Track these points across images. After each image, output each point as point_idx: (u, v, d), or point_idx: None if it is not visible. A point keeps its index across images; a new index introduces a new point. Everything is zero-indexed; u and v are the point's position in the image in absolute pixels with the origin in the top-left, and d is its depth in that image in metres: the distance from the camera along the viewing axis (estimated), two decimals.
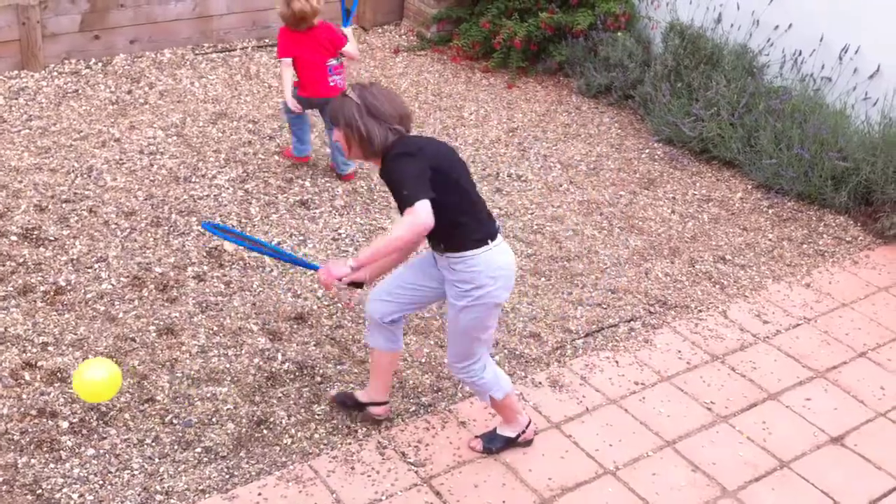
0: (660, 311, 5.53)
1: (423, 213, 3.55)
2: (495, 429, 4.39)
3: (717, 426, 4.67)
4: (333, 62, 6.06)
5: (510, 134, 7.33)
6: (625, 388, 4.85)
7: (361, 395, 4.45)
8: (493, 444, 4.36)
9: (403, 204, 3.59)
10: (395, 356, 4.35)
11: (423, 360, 4.90)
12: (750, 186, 6.94)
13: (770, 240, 6.34)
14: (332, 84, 6.06)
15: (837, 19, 7.05)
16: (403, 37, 8.73)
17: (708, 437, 4.59)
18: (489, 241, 3.87)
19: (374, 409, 4.42)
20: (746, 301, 5.67)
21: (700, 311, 5.56)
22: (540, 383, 4.82)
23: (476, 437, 4.41)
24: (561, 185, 6.71)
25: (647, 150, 7.34)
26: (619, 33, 8.01)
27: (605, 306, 5.52)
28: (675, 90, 7.42)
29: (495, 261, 3.88)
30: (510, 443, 4.36)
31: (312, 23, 5.89)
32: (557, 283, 5.70)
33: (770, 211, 6.68)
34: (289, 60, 5.97)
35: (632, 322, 5.40)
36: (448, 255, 3.86)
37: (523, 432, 4.37)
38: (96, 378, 3.89)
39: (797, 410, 4.83)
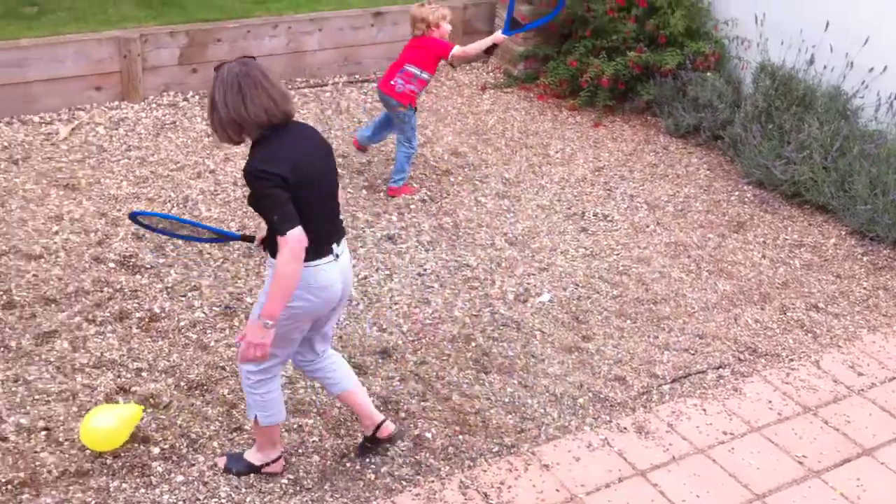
0: (749, 358, 5.43)
1: (295, 241, 3.47)
2: (243, 452, 4.27)
3: (809, 481, 4.54)
4: (411, 69, 6.36)
5: (596, 173, 7.30)
6: (713, 438, 4.76)
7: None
8: (236, 466, 4.22)
9: (275, 230, 3.52)
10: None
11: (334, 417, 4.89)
12: (844, 232, 6.79)
13: (865, 288, 6.18)
14: (391, 83, 6.41)
15: None
16: (491, 74, 8.80)
17: (800, 493, 4.46)
18: (320, 258, 3.69)
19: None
20: (840, 351, 5.53)
21: (792, 360, 5.44)
22: (625, 429, 4.76)
23: (223, 454, 4.29)
24: (647, 226, 6.65)
25: (736, 193, 7.24)
26: (709, 73, 7.95)
27: (692, 352, 5.44)
28: (765, 132, 7.32)
29: (319, 280, 3.71)
30: (252, 469, 4.22)
31: (421, 29, 6.37)
32: (643, 326, 5.64)
33: (865, 258, 6.52)
34: None
35: (720, 369, 5.31)
36: (273, 260, 3.67)
37: (268, 464, 4.21)
38: (103, 426, 4.05)
39: (893, 468, 4.67)
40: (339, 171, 6.71)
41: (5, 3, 7.28)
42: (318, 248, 3.66)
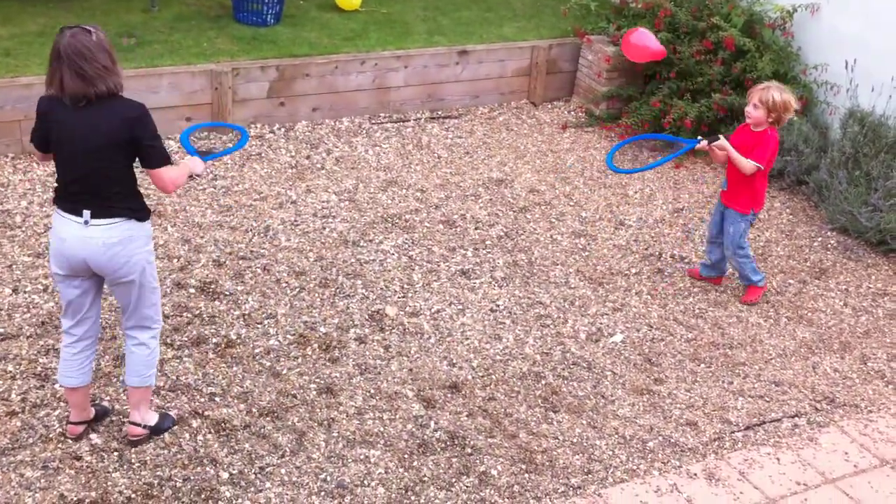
0: (827, 408, 5.29)
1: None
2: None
3: None
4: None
5: (675, 214, 7.24)
6: (786, 488, 4.64)
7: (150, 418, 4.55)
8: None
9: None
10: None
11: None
12: None
13: None
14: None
15: None
16: (572, 113, 8.81)
17: None
18: (55, 205, 4.10)
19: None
20: None
21: (871, 411, 5.28)
22: (695, 475, 4.67)
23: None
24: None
25: (819, 239, 7.08)
26: (795, 117, 7.82)
27: (767, 399, 5.32)
28: (852, 178, 7.16)
29: (53, 223, 4.14)
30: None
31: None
32: (718, 370, 5.54)
33: None
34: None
35: (796, 418, 5.18)
36: None
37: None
38: None
39: None
40: (418, 205, 6.82)
41: (105, 34, 7.58)
42: (56, 197, 4.08)
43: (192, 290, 5.65)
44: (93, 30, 3.87)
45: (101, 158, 3.93)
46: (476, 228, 6.70)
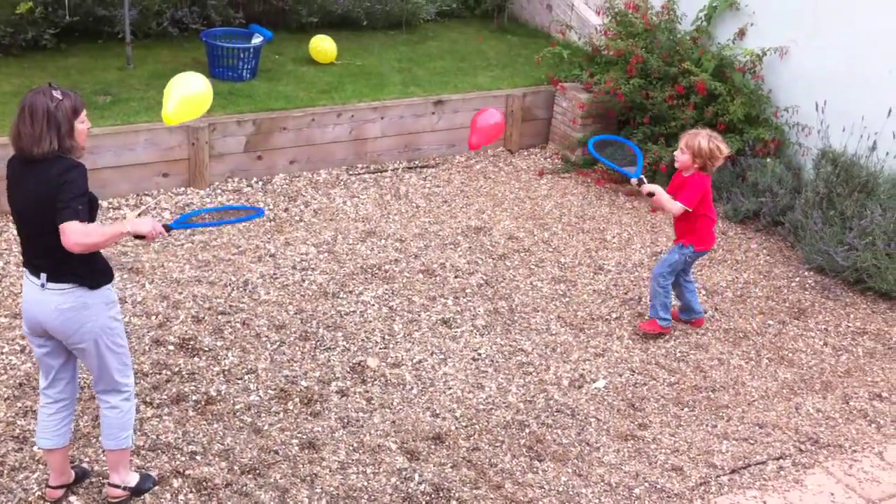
0: (811, 449, 5.28)
1: None
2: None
3: None
4: None
5: (653, 258, 7.27)
6: None
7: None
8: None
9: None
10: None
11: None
12: None
13: None
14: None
15: None
16: (548, 159, 8.88)
17: None
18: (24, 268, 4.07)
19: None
20: None
21: (855, 451, 5.28)
22: None
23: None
24: (706, 312, 6.57)
25: (797, 279, 7.13)
26: (769, 159, 7.92)
27: (752, 441, 5.31)
28: (827, 218, 7.23)
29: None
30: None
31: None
32: (701, 414, 5.53)
33: None
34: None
35: (781, 460, 5.17)
36: None
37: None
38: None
39: None
40: (397, 255, 6.82)
41: (81, 92, 7.57)
42: (22, 256, 4.08)
43: (171, 347, 5.60)
44: (61, 95, 3.85)
45: (42, 219, 3.85)
46: (456, 277, 6.71)
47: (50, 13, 8.27)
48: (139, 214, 6.97)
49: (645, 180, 5.92)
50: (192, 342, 5.65)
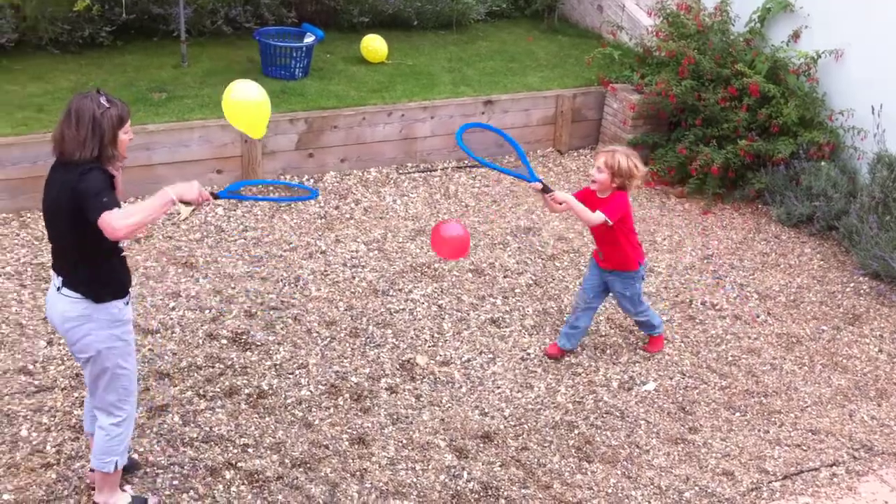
0: (865, 456, 5.20)
1: None
2: None
3: None
4: None
5: (705, 261, 7.21)
6: None
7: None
8: None
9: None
10: None
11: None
12: None
13: None
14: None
15: None
16: None
17: None
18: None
19: None
20: None
21: None
22: None
23: None
24: (758, 317, 6.50)
25: (851, 284, 7.03)
26: (823, 162, 7.81)
27: (804, 448, 5.25)
28: (883, 223, 7.12)
29: None
30: None
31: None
32: (753, 419, 5.48)
33: None
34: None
35: (834, 467, 5.10)
36: None
37: None
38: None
39: None
40: None
41: (136, 89, 7.72)
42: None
43: (224, 341, 5.66)
44: (108, 103, 3.81)
45: (58, 224, 3.86)
46: (505, 276, 6.70)
47: (107, 11, 8.40)
48: (193, 210, 7.06)
49: (547, 185, 5.34)
50: (244, 336, 5.71)
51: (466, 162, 8.42)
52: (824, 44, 8.08)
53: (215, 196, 4.20)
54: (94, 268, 3.88)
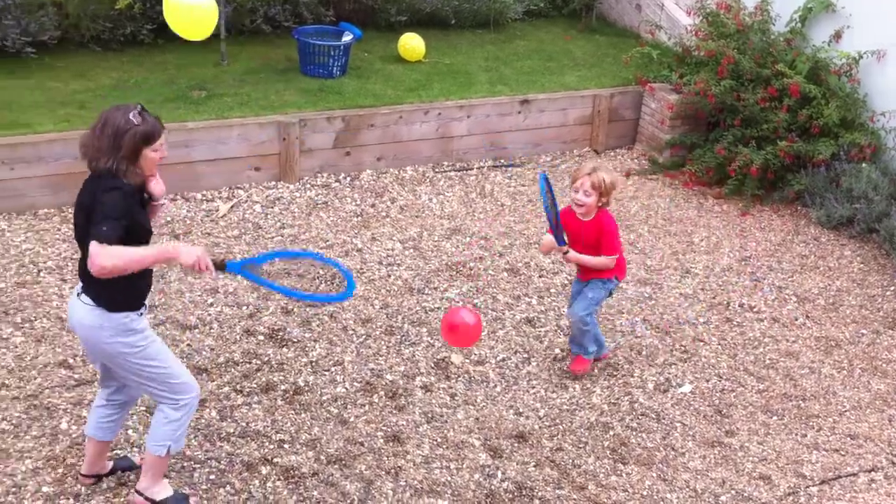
0: None
1: None
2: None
3: None
4: None
5: (742, 263, 7.15)
6: None
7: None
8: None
9: None
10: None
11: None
12: None
13: None
14: None
15: None
16: (635, 160, 8.80)
17: None
18: None
19: None
20: None
21: None
22: None
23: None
24: (797, 320, 6.44)
25: (892, 287, 6.93)
26: (864, 164, 7.72)
27: (843, 453, 5.19)
28: None
29: None
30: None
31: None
32: (791, 423, 5.43)
33: None
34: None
35: (873, 472, 5.04)
36: None
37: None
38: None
39: None
40: (482, 253, 6.84)
41: (177, 87, 7.80)
42: None
43: (261, 338, 5.71)
44: (138, 120, 3.76)
45: (81, 232, 3.84)
46: (540, 276, 6.69)
47: (148, 9, 8.49)
48: (231, 207, 7.12)
49: (570, 250, 5.26)
50: (281, 333, 5.75)
51: (502, 161, 8.42)
52: (866, 44, 7.98)
53: (221, 267, 4.02)
54: (114, 280, 3.79)
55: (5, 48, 7.77)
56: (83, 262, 3.89)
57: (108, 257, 3.62)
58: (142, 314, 3.99)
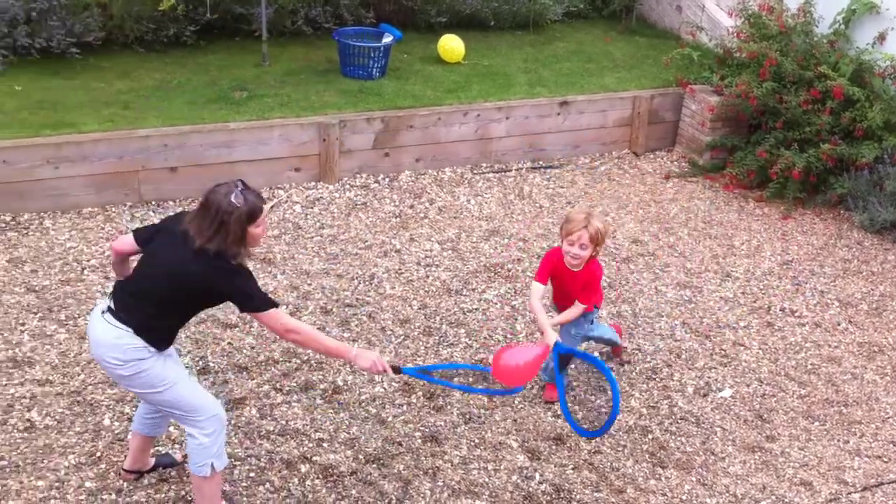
0: None
1: None
2: None
3: None
4: None
5: (784, 266, 7.08)
6: None
7: None
8: None
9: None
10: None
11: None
12: None
13: None
14: None
15: None
16: (675, 163, 8.74)
17: None
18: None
19: None
20: None
21: None
22: None
23: None
24: (839, 325, 6.37)
25: None
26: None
27: (885, 459, 5.13)
28: None
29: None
30: None
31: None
32: (833, 429, 5.36)
33: None
34: None
35: None
36: None
37: None
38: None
39: None
40: (520, 254, 6.83)
41: (218, 88, 7.87)
42: None
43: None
44: (241, 201, 3.76)
45: (162, 282, 3.88)
46: None
47: (191, 11, 8.58)
48: (272, 207, 7.18)
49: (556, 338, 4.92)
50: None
51: (541, 163, 8.40)
52: None
53: (398, 371, 4.32)
54: (157, 324, 3.88)
55: (51, 49, 7.89)
56: (135, 296, 3.90)
57: (298, 332, 4.01)
58: (163, 356, 3.98)
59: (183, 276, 3.82)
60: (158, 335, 3.95)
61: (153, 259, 3.98)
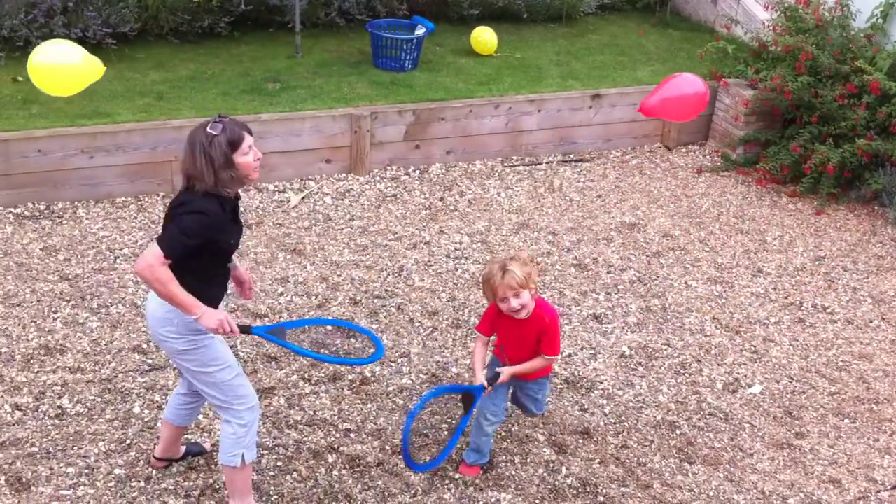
0: None
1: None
2: None
3: None
4: None
5: (816, 262, 7.01)
6: None
7: None
8: None
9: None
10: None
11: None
12: None
13: None
14: None
15: None
16: (707, 157, 8.67)
17: None
18: None
19: None
20: None
21: None
22: None
23: None
24: (871, 322, 6.30)
25: None
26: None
27: None
28: None
29: None
30: None
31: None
32: (863, 426, 5.31)
33: None
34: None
35: None
36: None
37: None
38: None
39: None
40: (549, 248, 6.82)
41: (252, 79, 7.93)
42: None
43: (329, 328, 5.77)
44: (217, 130, 3.76)
45: None
46: (608, 272, 6.65)
47: (225, 2, 8.65)
48: (302, 198, 7.22)
49: (495, 377, 4.51)
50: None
51: (572, 156, 8.38)
52: None
53: (246, 330, 4.09)
54: (184, 281, 3.82)
55: (87, 39, 7.98)
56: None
57: (154, 272, 3.70)
58: (218, 338, 4.01)
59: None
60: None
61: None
